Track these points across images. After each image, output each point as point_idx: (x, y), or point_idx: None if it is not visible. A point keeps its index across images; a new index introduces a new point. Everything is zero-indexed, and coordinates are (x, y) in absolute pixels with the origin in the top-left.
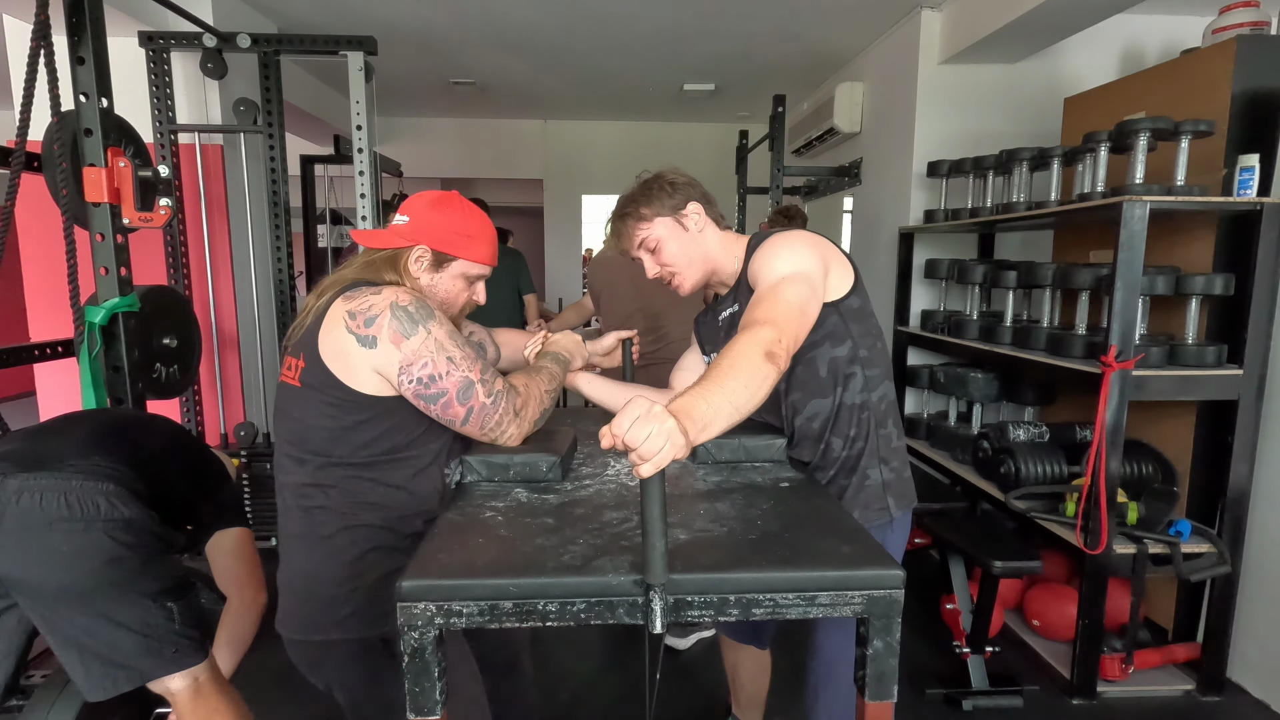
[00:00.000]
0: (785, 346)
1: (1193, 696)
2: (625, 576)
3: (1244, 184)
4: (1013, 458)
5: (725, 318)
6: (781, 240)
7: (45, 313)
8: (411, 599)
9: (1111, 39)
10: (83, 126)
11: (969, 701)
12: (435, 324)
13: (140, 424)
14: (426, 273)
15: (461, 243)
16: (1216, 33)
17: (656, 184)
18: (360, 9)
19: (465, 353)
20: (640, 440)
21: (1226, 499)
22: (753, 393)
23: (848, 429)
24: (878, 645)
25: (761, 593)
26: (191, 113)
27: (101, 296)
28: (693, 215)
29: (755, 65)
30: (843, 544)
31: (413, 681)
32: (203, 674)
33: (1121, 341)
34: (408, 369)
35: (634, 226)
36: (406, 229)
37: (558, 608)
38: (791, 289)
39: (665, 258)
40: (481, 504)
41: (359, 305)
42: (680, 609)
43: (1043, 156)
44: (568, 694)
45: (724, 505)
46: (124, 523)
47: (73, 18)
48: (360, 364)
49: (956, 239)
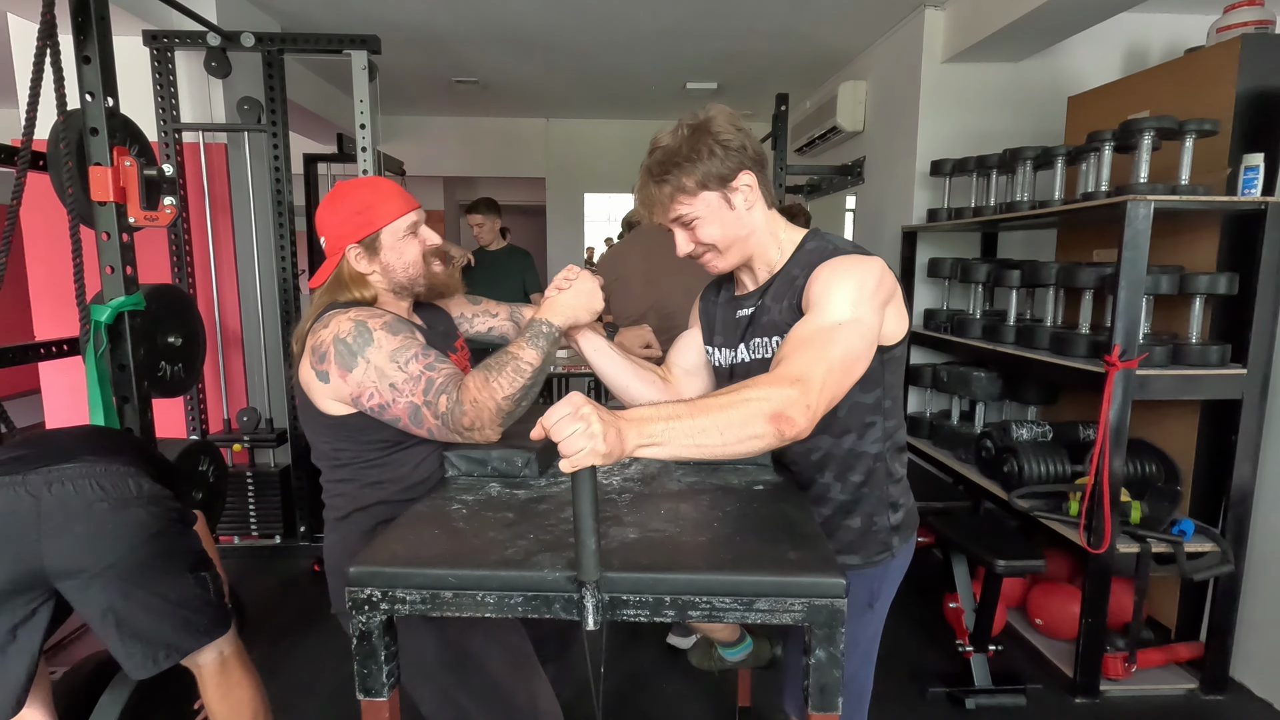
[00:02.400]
0: (812, 414)
1: (1196, 695)
2: (560, 573)
3: (1248, 183)
4: (1016, 457)
5: (745, 316)
6: (854, 267)
7: (50, 311)
8: (359, 584)
9: (1115, 38)
10: (88, 125)
11: (972, 700)
12: (373, 349)
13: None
14: (371, 263)
15: (367, 217)
16: (1221, 31)
17: (706, 142)
18: (363, 8)
19: (408, 374)
20: (563, 435)
21: (1230, 498)
22: (727, 443)
23: (852, 475)
24: (820, 655)
25: (698, 595)
26: (196, 111)
27: (107, 295)
28: (743, 189)
29: (758, 64)
30: (791, 549)
31: (361, 664)
32: (227, 647)
33: (1125, 341)
34: (357, 400)
35: (674, 198)
36: (329, 246)
37: (495, 600)
38: (844, 342)
39: (704, 236)
40: (452, 497)
41: (315, 342)
42: (616, 607)
43: (1046, 155)
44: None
45: (687, 506)
46: (153, 498)
47: (78, 17)
48: (322, 395)
49: (959, 238)
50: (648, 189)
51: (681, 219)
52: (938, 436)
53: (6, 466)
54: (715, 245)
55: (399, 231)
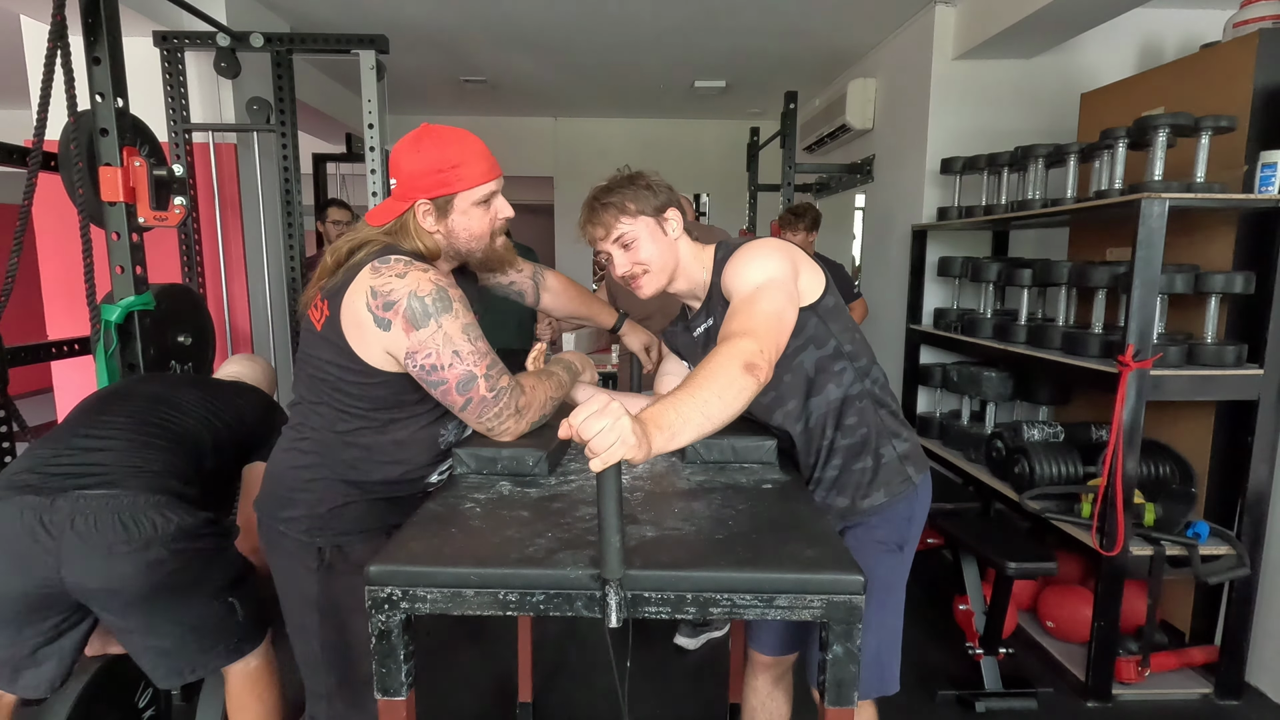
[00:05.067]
0: (767, 357)
1: (1210, 700)
2: (584, 570)
3: (1265, 181)
4: (1027, 458)
5: (701, 332)
6: (751, 250)
7: (62, 311)
8: (379, 583)
9: (1129, 33)
10: (99, 126)
11: (982, 703)
12: (449, 318)
13: (170, 402)
14: (438, 223)
15: (448, 177)
16: (1238, 26)
17: (642, 182)
18: (372, 7)
19: (476, 348)
20: (592, 433)
21: (1245, 500)
22: (727, 404)
23: (849, 419)
24: (837, 651)
25: (719, 592)
26: (205, 112)
27: (117, 295)
28: (673, 220)
29: (767, 62)
30: (808, 547)
31: (379, 663)
32: (257, 659)
33: (1139, 340)
34: (413, 355)
35: (616, 218)
36: (399, 190)
37: (517, 598)
38: (767, 298)
39: (640, 256)
40: (464, 495)
41: (382, 284)
42: (638, 604)
43: (1059, 153)
44: (572, 682)
45: (700, 505)
46: (180, 533)
47: (89, 18)
48: (373, 341)
49: (970, 236)
50: (595, 213)
51: (622, 238)
52: (948, 437)
53: (36, 485)
54: (649, 265)
55: (474, 199)
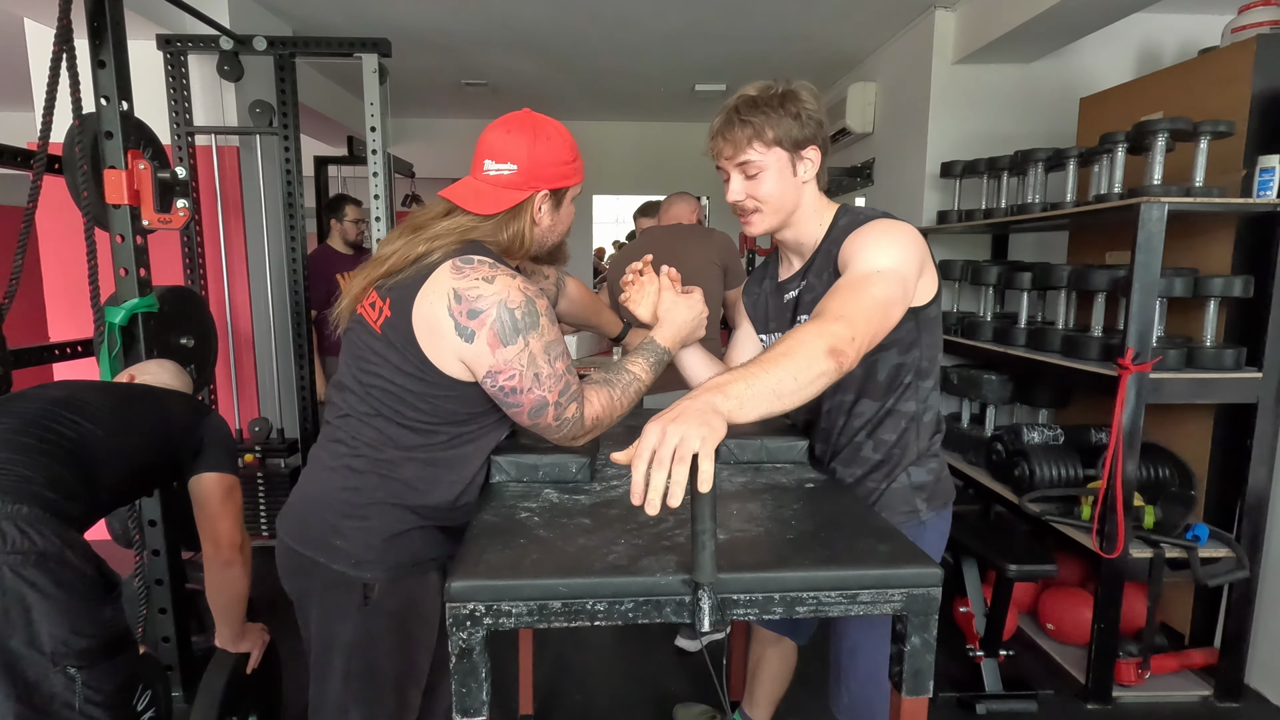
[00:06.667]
0: (857, 347)
1: (1210, 703)
2: (673, 576)
3: (1264, 185)
4: (1027, 460)
5: (792, 298)
6: (884, 229)
7: (65, 313)
8: (461, 599)
9: (1128, 38)
10: (103, 129)
11: (982, 706)
12: (535, 335)
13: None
14: (547, 216)
15: (570, 172)
16: (1236, 31)
17: (791, 106)
18: (374, 11)
19: (554, 369)
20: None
21: (1245, 503)
22: (801, 385)
23: (887, 434)
24: (915, 642)
25: (805, 591)
26: (208, 115)
27: (121, 297)
28: (809, 160)
29: (767, 65)
30: (879, 543)
31: (460, 682)
32: None
33: (1139, 344)
34: (494, 375)
35: (750, 142)
36: (519, 178)
37: (606, 607)
38: (881, 286)
39: (760, 191)
40: (515, 505)
41: (468, 288)
42: (726, 608)
43: (1058, 157)
44: (574, 690)
45: (755, 506)
46: (38, 557)
47: (94, 22)
48: (450, 349)
49: (970, 240)
50: (731, 126)
51: (748, 165)
52: (948, 439)
53: None
54: (765, 203)
55: (574, 195)
